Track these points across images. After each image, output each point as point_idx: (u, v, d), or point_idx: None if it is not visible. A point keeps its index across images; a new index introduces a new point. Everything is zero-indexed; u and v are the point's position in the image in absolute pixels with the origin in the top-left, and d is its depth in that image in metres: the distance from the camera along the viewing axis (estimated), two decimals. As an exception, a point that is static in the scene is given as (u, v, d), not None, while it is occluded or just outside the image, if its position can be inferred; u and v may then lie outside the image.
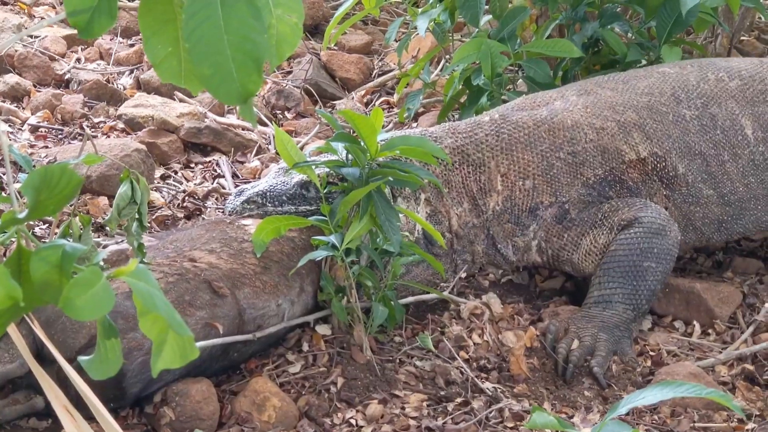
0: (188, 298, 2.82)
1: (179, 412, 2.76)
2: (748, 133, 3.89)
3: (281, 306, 3.07)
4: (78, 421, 1.75)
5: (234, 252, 3.07)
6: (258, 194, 3.36)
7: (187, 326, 1.33)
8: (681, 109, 3.85)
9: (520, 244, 3.66)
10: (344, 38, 6.41)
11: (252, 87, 1.40)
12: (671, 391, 1.85)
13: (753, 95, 3.95)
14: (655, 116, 3.82)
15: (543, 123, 3.74)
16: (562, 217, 3.63)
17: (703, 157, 3.80)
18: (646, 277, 3.47)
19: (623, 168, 3.72)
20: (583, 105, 3.82)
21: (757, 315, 3.66)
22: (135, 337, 2.67)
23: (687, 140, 3.80)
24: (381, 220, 2.91)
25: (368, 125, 2.82)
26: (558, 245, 3.63)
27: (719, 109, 3.88)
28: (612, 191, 3.70)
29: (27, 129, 4.83)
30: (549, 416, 1.87)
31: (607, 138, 3.73)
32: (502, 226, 3.64)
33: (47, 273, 1.24)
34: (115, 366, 1.36)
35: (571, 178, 3.67)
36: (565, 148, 3.69)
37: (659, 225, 3.52)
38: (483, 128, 3.71)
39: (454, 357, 3.25)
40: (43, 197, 1.20)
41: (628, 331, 3.45)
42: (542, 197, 3.65)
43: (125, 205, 2.44)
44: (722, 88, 3.94)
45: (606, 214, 3.59)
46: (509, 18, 4.38)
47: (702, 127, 3.84)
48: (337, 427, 2.86)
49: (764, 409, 3.16)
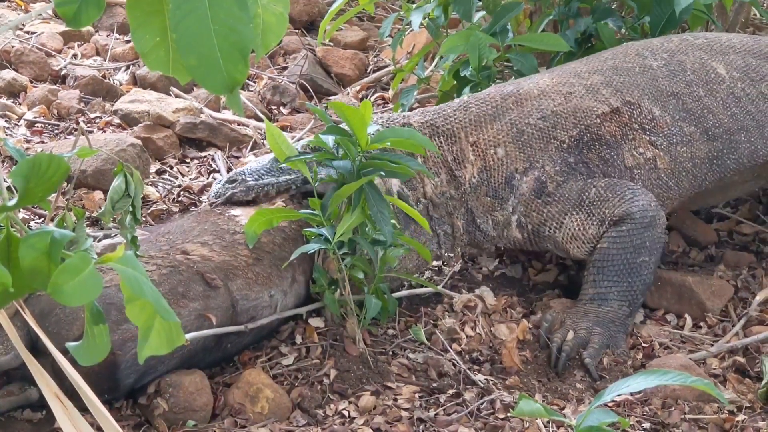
0: (181, 289, 2.84)
1: (172, 403, 2.78)
2: (722, 72, 3.91)
3: (274, 297, 3.09)
4: (69, 410, 1.77)
5: (226, 244, 3.08)
6: (237, 173, 3.42)
7: (174, 313, 1.35)
8: (647, 62, 3.87)
9: (499, 219, 3.62)
10: (339, 34, 6.43)
11: (238, 76, 1.42)
12: (656, 379, 1.88)
13: (720, 48, 4.00)
14: (621, 72, 3.83)
15: (510, 96, 3.74)
16: (540, 191, 3.58)
17: (677, 96, 3.80)
18: (641, 272, 3.48)
19: (598, 123, 3.68)
20: (549, 78, 3.87)
21: (749, 308, 3.68)
22: (129, 328, 2.68)
23: (657, 85, 3.81)
24: (373, 212, 2.92)
25: (358, 117, 2.83)
26: (538, 220, 3.58)
27: (686, 57, 3.92)
28: (591, 152, 3.66)
29: (23, 124, 4.85)
30: (536, 404, 1.89)
31: (576, 100, 3.73)
32: (481, 199, 3.59)
33: (36, 259, 1.26)
34: (103, 351, 1.38)
35: (544, 143, 3.64)
36: (534, 114, 3.67)
37: (650, 217, 3.51)
38: (451, 106, 3.73)
39: (446, 349, 3.27)
40: (32, 185, 1.22)
41: (623, 326, 3.47)
42: (516, 164, 3.61)
43: (119, 198, 2.45)
44: (688, 44, 3.99)
45: (593, 202, 3.54)
46: (502, 13, 4.40)
47: (671, 72, 3.85)
48: (330, 418, 2.88)
49: (755, 401, 3.18)
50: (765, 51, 4.06)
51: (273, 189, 3.38)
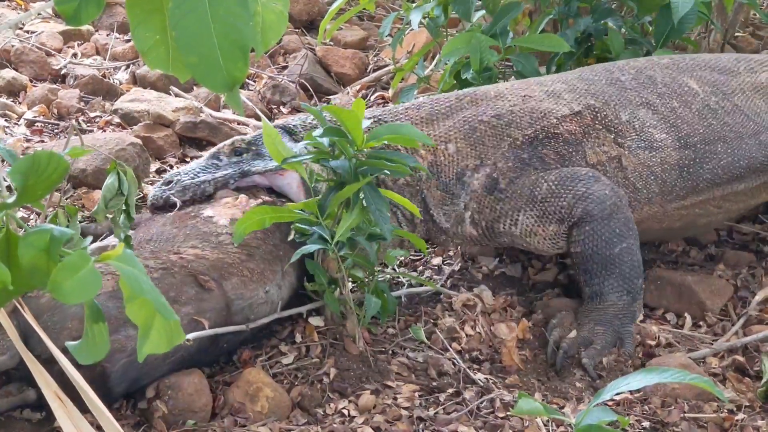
0: (173, 294, 2.80)
1: (172, 405, 2.77)
2: (694, 86, 3.88)
3: (269, 293, 3.08)
4: (68, 407, 1.77)
5: (215, 245, 3.07)
6: (173, 174, 3.43)
7: (173, 312, 1.35)
8: (615, 75, 3.84)
9: (451, 214, 3.57)
10: (340, 34, 6.43)
11: (238, 74, 1.42)
12: (655, 377, 1.88)
13: (687, 66, 3.98)
14: (587, 82, 3.79)
15: (465, 96, 3.71)
16: (492, 188, 3.53)
17: (648, 105, 3.76)
18: (624, 259, 3.43)
19: (556, 123, 3.61)
20: (510, 84, 3.85)
21: (748, 307, 3.68)
22: (117, 339, 2.64)
23: (625, 95, 3.76)
24: (371, 209, 2.92)
25: (352, 117, 2.83)
26: (491, 216, 3.54)
27: (655, 72, 3.89)
28: (547, 149, 3.59)
29: (23, 123, 4.85)
30: (535, 403, 1.89)
31: (534, 102, 3.67)
32: (432, 192, 3.54)
33: (35, 257, 1.26)
34: (103, 350, 1.38)
35: (497, 140, 3.58)
36: (489, 112, 3.62)
37: (610, 206, 3.44)
38: (404, 104, 3.71)
39: (446, 348, 3.27)
40: (31, 182, 1.22)
41: (628, 317, 3.43)
42: (467, 161, 3.56)
43: (112, 196, 2.45)
44: (654, 63, 3.98)
45: (546, 198, 3.47)
46: (502, 13, 4.40)
47: (640, 84, 3.82)
48: (330, 417, 2.88)
49: (754, 400, 3.18)
50: (728, 67, 4.04)
51: (210, 186, 3.38)
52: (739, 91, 3.93)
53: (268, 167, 3.42)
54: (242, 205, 3.27)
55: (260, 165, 3.43)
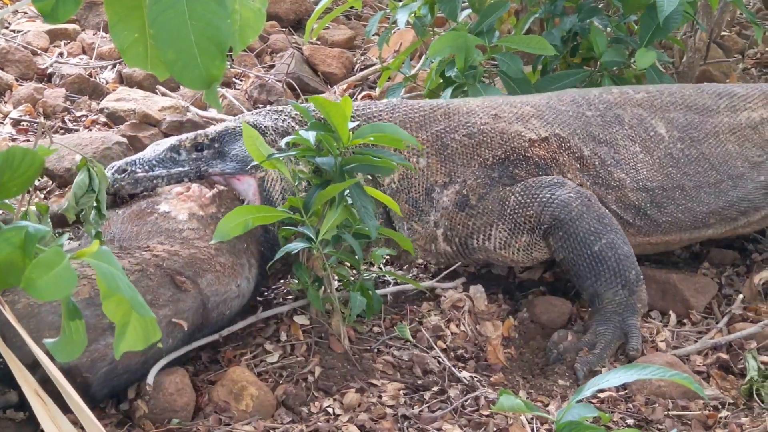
0: (150, 297, 2.76)
1: (152, 405, 2.75)
2: (661, 131, 3.85)
3: (240, 286, 3.06)
4: (48, 405, 1.77)
5: (181, 240, 3.02)
6: (127, 163, 3.29)
7: (150, 309, 1.35)
8: (581, 110, 3.80)
9: (418, 230, 3.55)
10: (327, 33, 6.43)
11: (216, 72, 1.41)
12: (636, 374, 1.89)
13: (661, 104, 3.93)
14: (553, 111, 3.77)
15: (439, 108, 3.69)
16: (463, 204, 3.52)
17: (610, 144, 3.74)
18: (607, 254, 3.43)
19: (526, 146, 3.61)
20: (480, 101, 3.82)
21: (732, 305, 3.70)
22: (97, 348, 2.62)
23: (590, 131, 3.74)
24: (357, 206, 2.92)
25: (339, 113, 2.83)
26: (464, 233, 3.53)
27: (624, 111, 3.85)
28: (518, 170, 3.59)
29: (9, 123, 4.83)
30: (516, 400, 1.90)
31: (504, 123, 3.66)
32: (400, 205, 3.46)
33: (10, 254, 1.25)
34: (80, 348, 1.38)
35: (467, 159, 3.57)
36: (461, 130, 3.61)
37: (577, 208, 3.45)
38: (378, 105, 3.65)
39: (431, 347, 3.27)
40: (6, 179, 1.22)
41: (629, 310, 3.43)
42: (436, 176, 3.55)
43: (83, 193, 2.43)
44: (628, 98, 3.91)
45: (515, 209, 3.49)
46: (488, 12, 4.41)
47: (605, 123, 3.79)
48: (315, 415, 2.88)
49: (738, 398, 3.19)
50: (707, 105, 4.00)
51: (163, 182, 3.26)
52: (711, 135, 3.91)
53: (225, 170, 3.32)
54: (196, 196, 3.17)
55: (218, 167, 3.31)
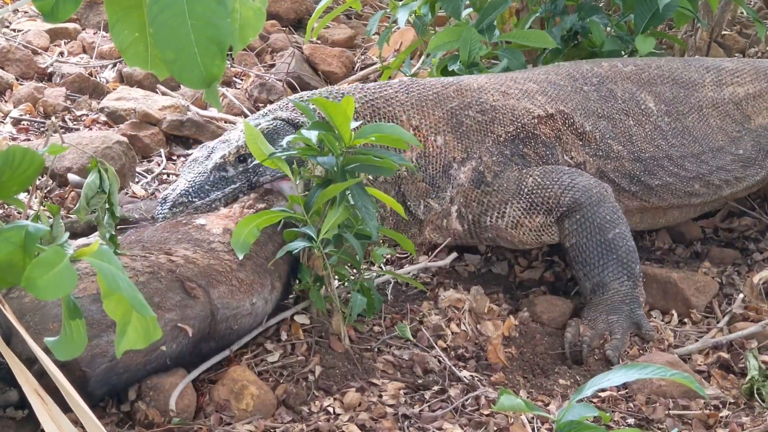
0: (157, 299, 2.75)
1: (153, 406, 2.75)
2: (650, 105, 3.98)
3: (255, 305, 3.04)
4: (48, 404, 1.77)
5: (207, 250, 3.04)
6: (181, 194, 3.31)
7: (150, 308, 1.35)
8: (578, 85, 3.92)
9: (434, 207, 3.58)
10: (327, 32, 6.43)
11: (215, 71, 1.41)
12: (636, 373, 1.89)
13: (649, 78, 4.06)
14: (554, 87, 3.88)
15: (450, 84, 3.75)
16: (479, 181, 3.58)
17: (608, 119, 3.87)
18: (619, 244, 3.49)
19: (534, 123, 3.71)
20: (486, 77, 3.90)
21: (733, 305, 3.69)
22: (99, 344, 2.61)
23: (589, 106, 3.86)
24: (358, 206, 2.91)
25: (341, 112, 2.82)
26: (479, 210, 3.59)
27: (616, 86, 3.97)
28: (527, 148, 3.68)
29: (9, 122, 4.83)
30: (517, 399, 1.90)
31: (513, 100, 3.75)
32: (416, 184, 3.55)
33: (11, 253, 1.25)
34: (80, 346, 1.38)
35: (481, 135, 3.64)
36: (474, 107, 3.68)
37: (597, 194, 3.54)
38: (392, 86, 3.70)
39: (432, 346, 3.27)
40: (6, 178, 1.22)
41: (635, 301, 3.48)
42: (454, 153, 3.60)
43: (93, 194, 2.42)
44: (617, 71, 4.04)
45: (533, 190, 3.56)
46: (489, 9, 4.41)
47: (602, 98, 3.91)
48: (315, 415, 2.88)
49: (739, 397, 3.19)
50: (693, 79, 4.14)
51: (221, 203, 3.32)
52: (695, 109, 4.07)
53: (276, 175, 3.33)
54: (235, 216, 3.21)
55: (267, 173, 3.33)
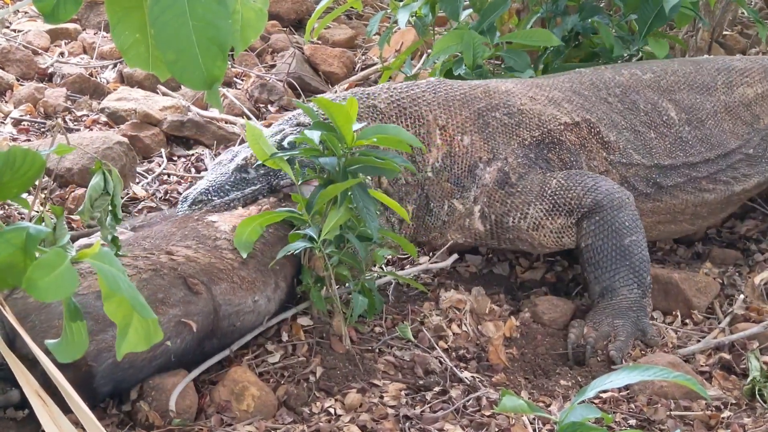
0: (161, 295, 2.77)
1: (155, 406, 2.74)
2: (672, 114, 4.00)
3: (258, 302, 3.05)
4: (49, 405, 1.76)
5: (210, 248, 3.05)
6: (201, 193, 3.36)
7: (151, 310, 1.34)
8: (602, 95, 3.95)
9: (458, 208, 3.61)
10: (327, 32, 6.42)
11: (217, 72, 1.41)
12: (639, 375, 1.88)
13: (668, 85, 4.08)
14: (580, 96, 3.90)
15: (478, 86, 3.78)
16: (503, 182, 3.60)
17: (630, 130, 3.90)
18: (634, 251, 3.50)
19: (561, 129, 3.74)
20: (513, 82, 3.92)
21: (734, 305, 3.69)
22: (104, 339, 2.62)
23: (613, 117, 3.89)
24: (359, 207, 2.91)
25: (343, 114, 2.81)
26: (502, 210, 3.60)
27: (638, 96, 3.99)
28: (551, 153, 3.71)
29: (9, 122, 4.83)
30: (519, 400, 1.89)
31: (540, 106, 3.78)
32: (441, 185, 3.58)
33: (11, 255, 1.25)
34: (81, 348, 1.37)
35: (507, 137, 3.67)
36: (501, 109, 3.71)
37: (618, 199, 3.55)
38: (419, 86, 3.72)
39: (433, 347, 3.27)
40: (7, 179, 1.21)
41: (641, 309, 3.47)
42: (480, 153, 3.62)
43: (98, 196, 2.42)
44: (637, 79, 4.06)
45: (556, 191, 3.58)
46: (489, 10, 4.40)
47: (625, 109, 3.94)
48: (316, 416, 2.87)
49: (740, 398, 3.18)
50: (706, 83, 4.16)
51: (239, 203, 3.35)
52: (711, 115, 4.09)
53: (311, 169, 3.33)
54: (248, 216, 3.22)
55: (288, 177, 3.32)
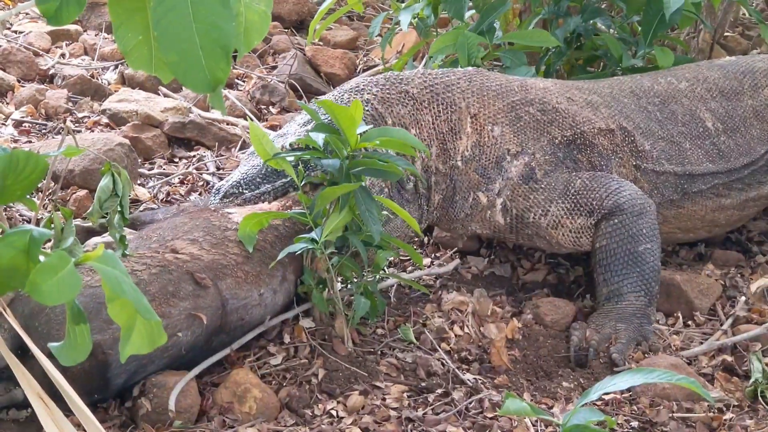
0: (171, 288, 2.81)
1: (156, 403, 2.75)
2: (709, 125, 4.01)
3: (263, 295, 3.07)
4: (52, 410, 1.76)
5: (216, 241, 3.06)
6: (233, 185, 3.38)
7: (155, 313, 1.34)
8: (642, 103, 3.95)
9: (482, 201, 3.61)
10: (329, 34, 6.42)
11: (220, 74, 1.40)
12: (642, 377, 1.88)
13: (702, 93, 4.08)
14: (618, 102, 3.91)
15: (516, 80, 3.80)
16: (528, 177, 3.60)
17: (666, 140, 3.90)
18: (647, 259, 3.50)
19: (594, 133, 3.75)
20: (552, 81, 3.94)
21: (736, 307, 3.68)
22: None
23: (650, 126, 3.90)
24: (361, 210, 2.90)
25: (347, 116, 2.81)
26: (524, 205, 3.61)
27: (677, 107, 4.00)
28: (581, 154, 3.72)
29: (11, 124, 4.83)
30: (522, 403, 1.89)
31: (576, 107, 3.79)
32: (469, 175, 3.60)
33: (14, 258, 1.24)
34: (85, 351, 1.37)
35: (538, 133, 3.68)
36: (536, 104, 3.72)
37: (640, 205, 3.56)
38: (455, 74, 3.74)
39: (435, 349, 3.26)
40: (10, 182, 1.21)
41: (645, 317, 3.47)
42: (509, 145, 3.63)
43: (107, 198, 2.44)
44: (674, 88, 4.06)
45: (579, 191, 3.59)
46: (489, 10, 4.40)
47: (664, 119, 3.94)
48: (318, 418, 2.87)
49: (743, 400, 3.18)
50: (734, 88, 4.16)
51: (270, 196, 3.36)
52: (742, 122, 4.10)
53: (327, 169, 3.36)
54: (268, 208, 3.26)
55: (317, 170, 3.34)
